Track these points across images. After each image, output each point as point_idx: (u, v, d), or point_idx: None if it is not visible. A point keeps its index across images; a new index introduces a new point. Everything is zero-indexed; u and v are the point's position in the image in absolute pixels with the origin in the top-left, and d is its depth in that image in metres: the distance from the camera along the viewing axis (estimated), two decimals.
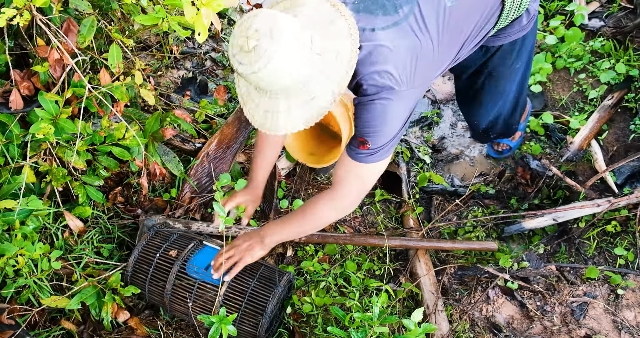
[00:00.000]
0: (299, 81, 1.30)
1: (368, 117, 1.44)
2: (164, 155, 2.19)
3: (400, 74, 1.39)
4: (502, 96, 2.14)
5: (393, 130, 1.48)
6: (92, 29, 1.69)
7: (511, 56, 1.93)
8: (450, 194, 2.62)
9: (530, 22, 1.81)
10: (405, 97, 1.43)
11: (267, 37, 1.20)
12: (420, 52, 1.43)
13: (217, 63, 3.00)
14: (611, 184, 2.46)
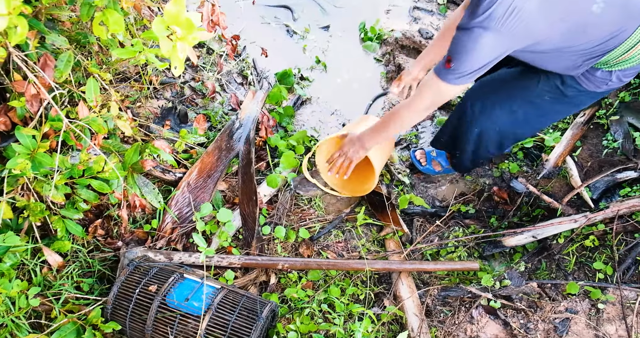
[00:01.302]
0: None
1: (464, 39, 1.57)
2: (144, 186, 2.19)
3: (509, 17, 1.49)
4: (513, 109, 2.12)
5: (476, 61, 1.61)
6: (69, 64, 1.70)
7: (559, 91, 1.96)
8: (431, 215, 2.65)
9: (609, 89, 1.90)
10: (500, 37, 1.54)
11: None
12: (531, 17, 1.52)
13: (197, 92, 3.02)
14: (587, 199, 2.50)
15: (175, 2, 1.35)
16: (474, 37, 1.55)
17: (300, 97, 3.13)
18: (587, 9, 1.59)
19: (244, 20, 3.52)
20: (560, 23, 1.59)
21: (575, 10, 1.59)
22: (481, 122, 2.19)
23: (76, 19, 1.98)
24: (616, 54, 1.73)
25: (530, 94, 2.05)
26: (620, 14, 1.65)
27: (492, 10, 1.49)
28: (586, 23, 1.63)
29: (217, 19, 1.68)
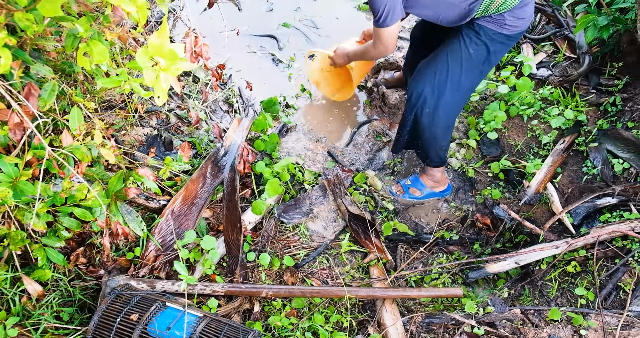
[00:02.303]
0: None
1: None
2: (127, 214, 2.18)
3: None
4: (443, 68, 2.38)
5: (382, 4, 2.12)
6: (54, 93, 1.72)
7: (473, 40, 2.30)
8: (415, 241, 2.66)
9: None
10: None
11: None
12: None
13: (182, 120, 3.04)
14: (568, 225, 2.54)
15: (159, 34, 1.38)
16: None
17: (285, 125, 3.17)
18: None
19: (230, 50, 3.57)
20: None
21: None
22: (431, 100, 2.42)
23: (61, 49, 2.00)
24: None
25: (458, 55, 2.33)
26: None
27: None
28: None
29: (200, 50, 1.71)
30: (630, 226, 2.36)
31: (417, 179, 2.81)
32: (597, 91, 3.18)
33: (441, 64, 2.35)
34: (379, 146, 3.16)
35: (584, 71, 3.23)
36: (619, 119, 2.96)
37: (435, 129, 2.49)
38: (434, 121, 2.46)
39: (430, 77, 2.38)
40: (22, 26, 1.39)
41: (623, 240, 2.38)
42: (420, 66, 2.46)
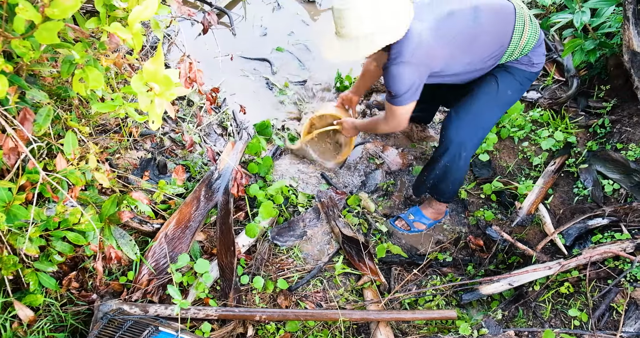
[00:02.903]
0: (367, 29, 2.01)
1: (389, 74, 2.13)
2: (120, 238, 2.18)
3: (414, 51, 2.08)
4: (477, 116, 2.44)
5: (403, 85, 2.13)
6: (48, 118, 1.73)
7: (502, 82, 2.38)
8: (408, 263, 2.66)
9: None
10: (412, 65, 2.11)
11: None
12: (430, 46, 2.11)
13: (177, 143, 3.06)
14: (561, 246, 2.55)
15: (154, 60, 1.41)
16: (392, 72, 2.12)
17: (279, 148, 3.19)
18: (467, 23, 2.13)
19: (224, 73, 3.61)
20: (454, 41, 2.14)
21: (460, 28, 2.13)
22: (470, 145, 2.47)
23: (57, 75, 2.03)
24: (514, 45, 2.24)
25: (497, 98, 2.39)
26: (496, 17, 2.18)
27: (400, 51, 2.07)
28: (474, 34, 2.16)
29: (194, 76, 1.74)
30: (621, 247, 2.38)
31: (419, 212, 2.82)
32: (586, 113, 3.23)
33: (481, 110, 2.40)
34: (372, 168, 3.18)
35: (573, 93, 3.28)
36: (608, 141, 3.00)
37: (465, 170, 2.56)
38: (467, 163, 2.53)
39: (472, 125, 2.41)
40: (19, 53, 1.42)
41: (615, 260, 2.39)
42: (459, 114, 2.43)
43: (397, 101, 2.22)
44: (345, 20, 2.01)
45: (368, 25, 2.00)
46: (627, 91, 3.07)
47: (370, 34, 2.02)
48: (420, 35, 2.08)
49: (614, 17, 3.07)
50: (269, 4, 4.32)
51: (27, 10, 1.20)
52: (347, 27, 2.03)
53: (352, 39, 2.06)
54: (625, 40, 2.73)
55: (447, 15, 2.13)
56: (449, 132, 2.44)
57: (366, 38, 2.03)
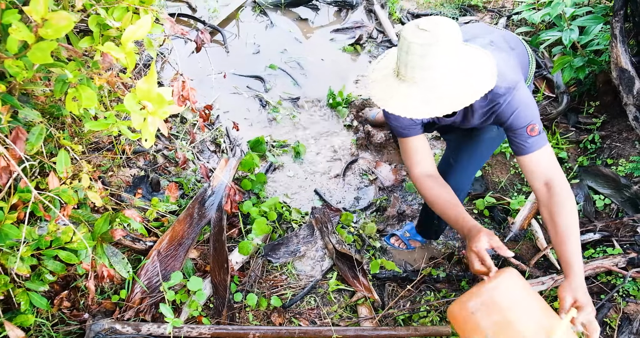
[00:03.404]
0: (444, 78, 1.53)
1: (521, 108, 1.68)
2: (113, 256, 2.17)
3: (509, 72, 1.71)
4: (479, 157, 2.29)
5: (536, 111, 1.73)
6: (41, 137, 1.73)
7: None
8: (402, 279, 2.66)
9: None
10: (522, 84, 1.73)
11: (442, 30, 1.49)
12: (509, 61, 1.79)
13: (170, 160, 3.06)
14: (553, 261, 2.56)
15: (147, 79, 1.42)
16: (521, 99, 1.70)
17: (272, 164, 3.20)
18: (507, 51, 1.86)
19: (217, 90, 3.63)
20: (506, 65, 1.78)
21: (504, 56, 1.81)
22: (469, 184, 2.38)
23: (50, 93, 2.03)
24: (530, 72, 2.06)
25: (496, 138, 2.20)
26: (518, 45, 1.98)
27: (505, 76, 1.68)
28: (513, 60, 1.86)
29: (187, 94, 1.75)
30: (613, 262, 2.39)
31: (415, 230, 2.82)
32: (576, 128, 3.27)
33: (481, 156, 2.29)
34: (365, 184, 3.19)
35: (563, 109, 3.32)
36: (598, 156, 3.03)
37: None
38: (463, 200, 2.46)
39: (471, 172, 2.33)
40: (11, 72, 1.42)
41: (607, 275, 2.40)
42: (461, 163, 2.26)
43: (542, 138, 1.74)
44: (422, 59, 1.51)
45: (444, 73, 1.54)
46: (616, 107, 3.12)
47: (446, 86, 1.55)
48: (498, 65, 1.71)
49: (602, 35, 3.12)
50: (262, 22, 4.37)
51: (20, 31, 1.21)
52: (418, 69, 1.53)
53: (419, 86, 1.57)
54: (613, 57, 2.78)
55: (490, 45, 1.85)
56: (449, 181, 2.05)
57: (438, 90, 1.56)
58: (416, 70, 1.53)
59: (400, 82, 1.59)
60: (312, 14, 4.55)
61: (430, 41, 1.47)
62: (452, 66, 1.53)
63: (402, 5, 4.72)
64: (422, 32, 1.49)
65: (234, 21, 4.36)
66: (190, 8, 4.38)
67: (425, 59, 1.50)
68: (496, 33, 1.97)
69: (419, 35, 1.49)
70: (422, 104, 1.55)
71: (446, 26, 1.50)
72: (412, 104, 1.56)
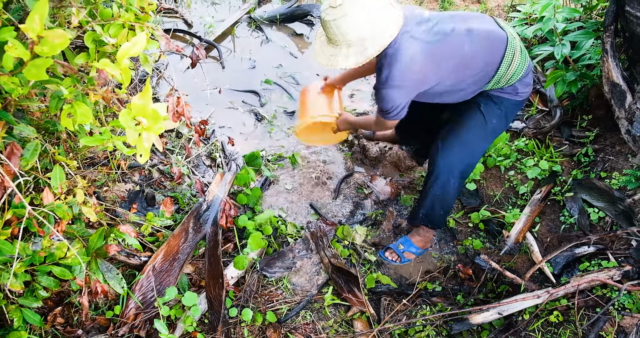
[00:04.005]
0: (359, 37, 2.04)
1: (379, 96, 2.20)
2: (107, 272, 2.16)
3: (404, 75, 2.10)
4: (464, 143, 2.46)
5: (393, 106, 2.20)
6: (36, 152, 1.74)
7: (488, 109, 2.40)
8: (398, 293, 2.65)
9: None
10: (402, 89, 2.15)
11: (348, 1, 1.97)
12: (421, 71, 2.13)
13: (165, 175, 3.06)
14: (549, 274, 2.56)
15: (142, 95, 1.43)
16: (382, 94, 2.17)
17: (267, 179, 3.20)
18: (461, 47, 2.14)
19: (213, 105, 3.65)
20: (445, 65, 2.15)
21: (453, 52, 2.14)
22: (458, 173, 2.50)
23: (45, 109, 2.04)
24: (501, 73, 2.25)
25: (482, 126, 2.41)
26: (488, 42, 2.19)
27: (391, 75, 2.10)
28: (465, 60, 2.17)
29: (182, 110, 1.76)
30: (608, 275, 2.39)
31: (409, 242, 2.81)
32: (570, 142, 3.29)
33: (468, 139, 2.43)
34: (360, 197, 3.19)
35: (556, 123, 3.35)
36: (592, 170, 3.05)
37: (455, 197, 2.57)
38: (458, 191, 2.54)
39: (459, 153, 2.44)
40: (7, 89, 1.43)
41: (603, 288, 2.40)
42: (445, 141, 2.47)
43: (386, 117, 2.30)
44: (338, 29, 2.03)
45: (359, 33, 2.02)
46: (608, 121, 3.14)
47: (361, 40, 2.05)
48: (412, 60, 2.08)
49: (593, 50, 3.16)
50: (258, 37, 4.41)
51: (16, 48, 1.23)
52: (338, 35, 2.05)
53: (343, 46, 2.10)
54: (604, 72, 2.81)
55: (443, 36, 2.12)
56: (437, 160, 2.46)
57: (357, 46, 2.07)
58: (336, 37, 2.07)
59: (329, 47, 2.15)
60: (307, 29, 4.59)
61: (339, 16, 1.98)
62: (360, 28, 2.01)
63: None
64: (332, 10, 2.00)
65: (230, 37, 4.40)
66: (186, 24, 4.42)
67: (339, 30, 2.02)
68: (463, 29, 2.17)
69: (329, 13, 2.00)
70: (343, 59, 2.10)
71: (356, 1, 1.97)
72: (339, 59, 2.12)
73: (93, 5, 1.69)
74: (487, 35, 2.19)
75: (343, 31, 2.02)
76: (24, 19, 1.20)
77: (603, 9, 3.41)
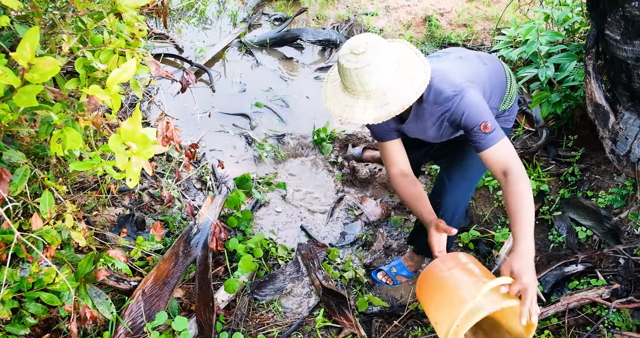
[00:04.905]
0: (381, 88, 1.79)
1: (471, 108, 1.87)
2: (96, 297, 2.14)
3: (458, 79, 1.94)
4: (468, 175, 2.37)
5: (488, 112, 1.89)
6: (25, 178, 1.74)
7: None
8: (389, 315, 2.64)
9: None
10: (471, 87, 1.92)
11: (372, 49, 1.73)
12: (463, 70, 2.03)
13: (155, 198, 3.06)
14: (539, 293, 2.56)
15: (132, 120, 1.45)
16: (466, 100, 1.88)
17: (258, 201, 3.21)
18: (479, 67, 2.12)
19: (204, 128, 3.67)
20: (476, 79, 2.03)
21: (475, 70, 2.09)
22: (463, 205, 2.44)
23: (35, 134, 2.05)
24: (509, 91, 2.25)
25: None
26: (493, 67, 2.20)
27: (449, 85, 1.91)
28: (486, 74, 2.13)
29: (171, 135, 1.78)
30: (597, 293, 2.40)
31: (401, 265, 2.81)
32: (557, 161, 3.34)
33: (473, 174, 2.38)
34: (351, 219, 3.21)
35: (543, 143, 3.40)
36: (579, 189, 3.09)
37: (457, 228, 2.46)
38: (459, 223, 2.51)
39: (466, 189, 2.39)
40: None
41: (592, 306, 2.41)
42: (451, 176, 2.36)
43: (494, 134, 1.87)
44: (359, 79, 1.77)
45: (381, 85, 1.78)
46: (593, 141, 3.19)
47: (383, 94, 1.81)
48: (448, 68, 2.00)
49: (577, 72, 3.23)
50: (248, 61, 4.46)
51: (6, 75, 1.24)
52: (357, 84, 1.79)
53: (361, 97, 1.83)
54: (587, 93, 2.87)
55: (459, 58, 2.14)
56: (444, 198, 2.36)
57: (378, 99, 1.82)
58: (355, 86, 1.80)
59: (345, 95, 1.88)
60: (297, 53, 4.66)
61: (361, 65, 1.74)
62: (383, 80, 1.77)
63: None
64: (354, 57, 1.75)
65: (221, 61, 4.45)
66: (177, 48, 4.47)
67: (360, 79, 1.77)
68: (471, 53, 2.24)
69: (351, 60, 1.75)
70: (361, 112, 1.83)
71: (375, 46, 1.75)
72: (356, 112, 1.84)
73: (84, 31, 1.72)
74: (489, 57, 2.26)
75: (364, 81, 1.77)
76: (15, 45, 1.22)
77: (585, 32, 3.50)
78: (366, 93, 1.81)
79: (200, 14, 4.94)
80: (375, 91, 1.80)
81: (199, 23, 4.88)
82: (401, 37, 4.96)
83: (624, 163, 2.74)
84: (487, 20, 5.24)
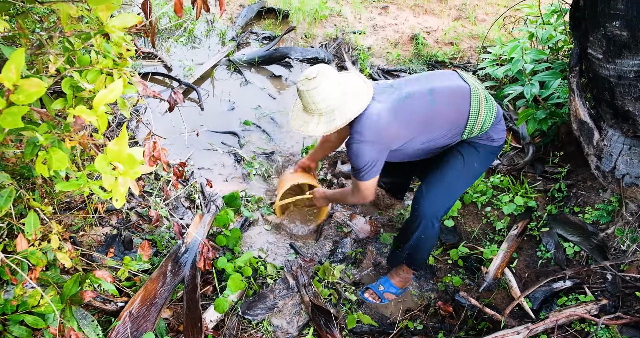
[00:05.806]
0: (330, 106, 2.24)
1: (351, 151, 2.29)
2: (82, 319, 2.11)
3: (373, 131, 2.25)
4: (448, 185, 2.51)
5: (366, 162, 2.29)
6: (10, 199, 1.73)
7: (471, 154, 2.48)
8: (379, 333, 2.63)
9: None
10: (374, 144, 2.27)
11: (322, 75, 2.19)
12: (389, 126, 2.27)
13: (143, 218, 3.04)
14: (528, 310, 2.57)
15: (118, 140, 1.45)
16: (355, 149, 2.27)
17: (247, 219, 3.20)
18: (424, 105, 2.30)
19: (192, 147, 3.67)
20: (412, 122, 2.30)
21: (417, 110, 2.30)
22: (440, 216, 2.56)
23: (21, 155, 2.04)
24: (472, 123, 2.36)
25: (464, 171, 2.48)
26: (452, 98, 2.34)
27: (360, 131, 2.24)
28: (430, 116, 2.32)
29: (158, 154, 1.78)
30: (586, 309, 2.41)
31: (389, 283, 2.81)
32: (543, 178, 3.37)
33: (451, 183, 2.49)
34: (340, 236, 3.20)
35: (529, 159, 3.43)
36: (565, 205, 3.11)
37: (437, 238, 2.61)
38: (438, 231, 2.57)
39: (443, 197, 2.51)
40: None
41: (581, 323, 2.42)
42: (430, 186, 2.50)
43: (360, 176, 2.37)
44: (311, 98, 2.22)
45: (329, 104, 2.23)
46: (579, 157, 3.23)
47: (331, 111, 2.25)
48: (379, 116, 2.24)
49: (561, 89, 3.28)
50: (237, 79, 4.48)
51: None
52: (311, 103, 2.24)
53: (315, 115, 2.28)
54: (572, 110, 2.91)
55: (405, 97, 2.30)
56: (422, 206, 2.50)
57: (327, 115, 2.26)
58: (309, 105, 2.27)
59: (304, 114, 2.33)
60: (285, 71, 4.69)
61: (312, 87, 2.19)
62: (330, 99, 2.21)
63: (373, 62, 4.90)
64: (307, 81, 2.20)
65: (209, 79, 4.46)
66: (165, 67, 4.48)
67: (311, 99, 2.22)
68: (426, 88, 2.34)
69: (304, 84, 2.21)
70: (314, 126, 2.28)
71: (324, 73, 2.19)
72: (310, 126, 2.29)
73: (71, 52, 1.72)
74: (450, 91, 2.35)
75: (315, 101, 2.22)
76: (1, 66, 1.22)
77: (568, 50, 3.56)
78: (319, 111, 2.26)
79: (188, 33, 4.96)
80: (325, 108, 2.24)
81: (188, 42, 4.90)
82: (389, 55, 5.01)
83: (609, 179, 2.78)
84: (473, 39, 5.32)
